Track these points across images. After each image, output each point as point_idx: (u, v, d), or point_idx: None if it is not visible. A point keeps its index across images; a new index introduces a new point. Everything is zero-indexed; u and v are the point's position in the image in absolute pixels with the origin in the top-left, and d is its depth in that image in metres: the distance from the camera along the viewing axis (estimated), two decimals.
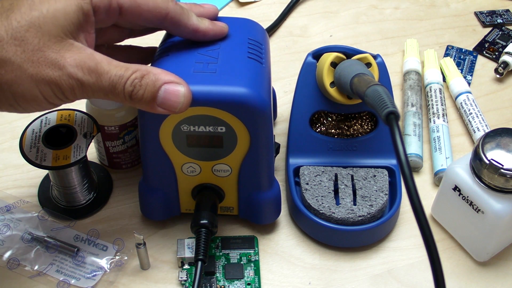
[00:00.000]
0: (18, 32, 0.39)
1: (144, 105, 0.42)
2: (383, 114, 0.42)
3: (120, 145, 0.57)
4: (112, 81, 0.41)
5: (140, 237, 0.49)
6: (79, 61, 0.40)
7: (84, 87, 0.40)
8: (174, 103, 0.42)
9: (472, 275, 0.52)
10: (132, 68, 0.41)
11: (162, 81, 0.42)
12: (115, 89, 0.41)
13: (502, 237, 0.52)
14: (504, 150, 0.47)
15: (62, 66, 0.40)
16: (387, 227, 0.54)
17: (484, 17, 0.78)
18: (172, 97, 0.42)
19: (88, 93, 0.41)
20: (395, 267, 0.53)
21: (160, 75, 0.42)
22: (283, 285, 0.51)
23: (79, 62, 0.40)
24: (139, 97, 0.41)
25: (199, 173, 0.50)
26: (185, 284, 0.51)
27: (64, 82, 0.40)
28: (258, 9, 0.79)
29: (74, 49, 0.40)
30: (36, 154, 0.51)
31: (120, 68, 0.41)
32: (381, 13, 0.79)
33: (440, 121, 0.62)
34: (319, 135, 0.57)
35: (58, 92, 0.40)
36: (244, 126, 0.46)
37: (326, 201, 0.53)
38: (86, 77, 0.40)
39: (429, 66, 0.68)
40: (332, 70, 0.53)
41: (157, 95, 0.42)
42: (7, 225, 0.53)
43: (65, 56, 0.40)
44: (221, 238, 0.54)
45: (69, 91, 0.40)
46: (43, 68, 0.39)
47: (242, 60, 0.48)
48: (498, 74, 0.69)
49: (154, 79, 0.42)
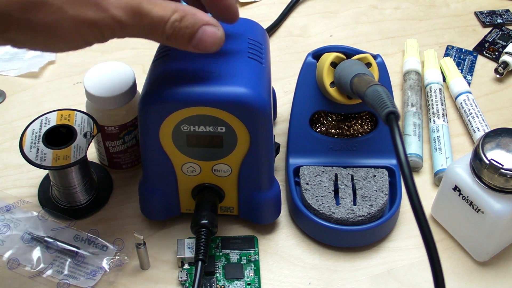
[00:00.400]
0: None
1: (179, 45, 0.42)
2: (383, 114, 0.42)
3: (120, 145, 0.57)
4: (153, 22, 0.40)
5: (140, 237, 0.49)
6: (122, 2, 0.39)
7: (125, 29, 0.40)
8: (210, 44, 0.42)
9: (472, 275, 0.52)
10: (171, 8, 0.40)
11: (201, 23, 0.41)
12: (154, 31, 0.40)
13: (502, 237, 0.52)
14: (504, 150, 0.47)
15: (105, 8, 0.38)
16: (387, 227, 0.54)
17: (484, 17, 0.78)
18: (208, 38, 0.42)
19: (128, 34, 0.40)
20: (395, 267, 0.53)
21: (198, 15, 0.41)
22: (283, 285, 0.51)
23: (121, 3, 0.39)
24: (177, 38, 0.41)
25: (199, 173, 0.50)
26: (185, 284, 0.51)
27: (106, 23, 0.39)
28: (258, 9, 0.79)
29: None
30: (36, 154, 0.51)
31: (160, 8, 0.40)
32: (381, 13, 0.79)
33: (440, 121, 0.62)
34: (319, 135, 0.57)
35: (98, 33, 0.39)
36: (244, 126, 0.46)
37: (326, 201, 0.53)
38: (128, 19, 0.39)
39: (429, 66, 0.68)
40: (332, 70, 0.53)
41: (195, 36, 0.41)
42: (7, 225, 0.53)
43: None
44: (221, 238, 0.54)
45: (109, 32, 0.39)
46: (84, 9, 0.38)
47: (242, 60, 0.48)
48: (498, 74, 0.69)
49: (193, 21, 0.41)
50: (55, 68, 0.71)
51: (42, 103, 0.67)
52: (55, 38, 0.38)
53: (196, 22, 0.41)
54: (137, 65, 0.71)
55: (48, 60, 0.71)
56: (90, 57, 0.73)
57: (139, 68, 0.70)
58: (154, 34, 0.41)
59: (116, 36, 0.40)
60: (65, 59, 0.72)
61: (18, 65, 0.71)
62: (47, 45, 0.39)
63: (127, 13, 0.39)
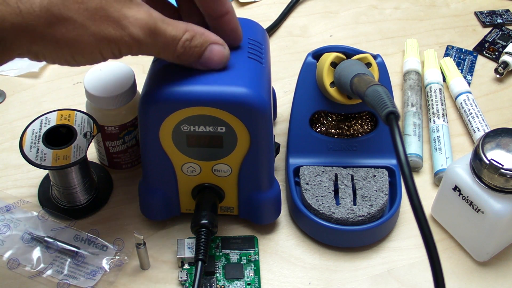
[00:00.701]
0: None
1: (188, 62, 0.44)
2: (383, 114, 0.42)
3: (120, 145, 0.57)
4: (167, 41, 0.42)
5: (140, 237, 0.49)
6: (141, 21, 0.40)
7: (141, 47, 0.41)
8: (216, 62, 0.45)
9: (472, 275, 0.52)
10: (183, 28, 0.42)
11: (209, 42, 0.44)
12: (167, 49, 0.42)
13: (502, 237, 0.52)
14: (504, 150, 0.47)
15: (125, 26, 0.40)
16: (387, 227, 0.54)
17: (484, 17, 0.78)
18: (215, 57, 0.45)
19: (142, 52, 0.42)
20: (395, 267, 0.53)
21: (207, 35, 0.44)
22: (283, 285, 0.51)
23: (140, 23, 0.40)
24: (187, 57, 0.44)
25: (199, 173, 0.50)
26: (185, 284, 0.51)
27: (124, 41, 0.40)
28: (258, 9, 0.79)
29: (134, 7, 0.40)
30: (36, 154, 0.51)
31: (173, 28, 0.42)
32: (381, 13, 0.79)
33: (440, 121, 0.62)
34: (319, 135, 0.57)
35: (116, 49, 0.41)
36: (244, 126, 0.46)
37: (326, 201, 0.53)
38: (146, 38, 0.41)
39: (429, 66, 0.68)
40: (332, 70, 0.53)
41: (203, 54, 0.44)
42: (7, 225, 0.53)
43: (127, 15, 0.40)
44: (221, 238, 0.54)
45: (126, 49, 0.41)
46: (105, 26, 0.39)
47: (242, 60, 0.48)
48: (498, 74, 0.69)
49: (202, 40, 0.44)
50: (55, 68, 0.71)
51: (42, 103, 0.67)
52: (76, 52, 0.40)
53: (205, 41, 0.44)
54: (137, 65, 0.71)
55: None
56: None
57: (139, 68, 0.70)
58: (166, 52, 0.43)
59: (131, 53, 0.42)
60: None
61: (18, 65, 0.71)
62: (67, 59, 0.41)
63: (145, 32, 0.40)
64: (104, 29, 0.39)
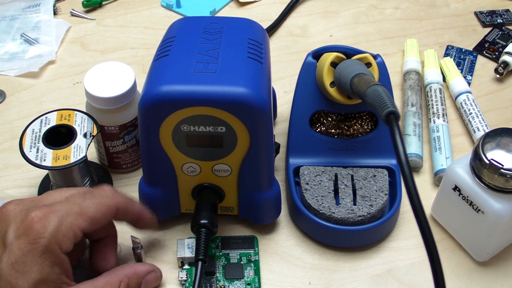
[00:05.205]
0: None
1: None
2: (383, 114, 0.42)
3: (120, 145, 0.57)
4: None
5: (137, 240, 0.49)
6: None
7: None
8: (154, 284, 0.49)
9: (472, 275, 0.52)
10: (116, 282, 0.45)
11: (142, 277, 0.47)
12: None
13: (502, 237, 0.52)
14: (504, 150, 0.47)
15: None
16: (387, 227, 0.54)
17: (484, 17, 0.78)
18: (152, 284, 0.49)
19: None
20: (395, 267, 0.53)
21: (138, 271, 0.47)
22: (283, 285, 0.51)
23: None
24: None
25: (199, 173, 0.50)
26: (185, 284, 0.51)
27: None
28: (258, 9, 0.79)
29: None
30: (36, 154, 0.51)
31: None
32: (381, 13, 0.79)
33: (440, 121, 0.62)
34: (319, 135, 0.57)
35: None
36: (244, 126, 0.46)
37: (326, 201, 0.53)
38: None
39: (429, 66, 0.68)
40: (332, 70, 0.53)
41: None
42: None
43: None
44: (221, 238, 0.54)
45: None
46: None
47: (242, 60, 0.48)
48: (498, 74, 0.69)
49: (136, 282, 0.46)
50: (55, 68, 0.71)
51: (42, 103, 0.67)
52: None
53: (138, 280, 0.47)
54: (137, 65, 0.71)
55: (48, 60, 0.71)
56: (90, 57, 0.73)
57: (139, 68, 0.70)
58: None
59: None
60: (65, 59, 0.72)
61: (18, 65, 0.71)
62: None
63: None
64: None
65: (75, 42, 0.75)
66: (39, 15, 0.77)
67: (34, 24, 0.76)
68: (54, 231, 0.41)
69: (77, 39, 0.75)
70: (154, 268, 0.49)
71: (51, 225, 0.41)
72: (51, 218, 0.41)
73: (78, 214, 0.43)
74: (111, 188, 0.46)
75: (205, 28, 0.51)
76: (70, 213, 0.42)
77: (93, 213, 0.43)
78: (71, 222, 0.42)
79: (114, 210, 0.45)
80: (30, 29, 0.75)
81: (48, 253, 0.41)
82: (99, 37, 0.75)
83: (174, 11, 0.79)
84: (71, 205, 0.43)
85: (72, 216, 0.42)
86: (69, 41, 0.75)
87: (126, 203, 0.47)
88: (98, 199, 0.44)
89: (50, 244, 0.41)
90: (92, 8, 0.79)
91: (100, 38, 0.75)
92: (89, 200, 0.44)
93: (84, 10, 0.79)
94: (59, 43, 0.74)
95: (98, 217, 0.44)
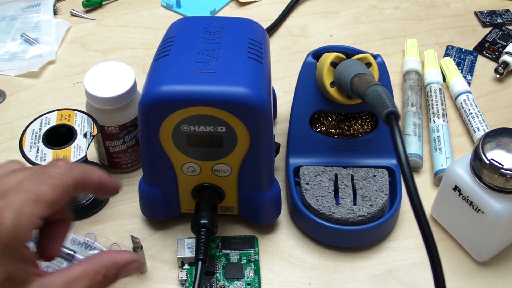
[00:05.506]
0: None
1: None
2: (383, 114, 0.42)
3: (120, 145, 0.57)
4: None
5: (137, 240, 0.49)
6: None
7: None
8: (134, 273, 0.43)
9: (472, 275, 0.52)
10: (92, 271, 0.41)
11: (121, 266, 0.42)
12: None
13: (502, 237, 0.52)
14: (504, 150, 0.47)
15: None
16: (387, 227, 0.54)
17: (484, 17, 0.78)
18: (132, 272, 0.43)
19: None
20: (395, 267, 0.53)
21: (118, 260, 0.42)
22: (283, 285, 0.51)
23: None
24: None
25: (199, 173, 0.50)
26: (185, 284, 0.51)
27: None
28: (258, 9, 0.79)
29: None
30: (36, 154, 0.51)
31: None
32: (381, 13, 0.79)
33: (440, 121, 0.62)
34: (319, 135, 0.57)
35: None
36: (244, 126, 0.46)
37: (326, 201, 0.53)
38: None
39: (429, 66, 0.68)
40: (332, 70, 0.53)
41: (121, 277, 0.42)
42: None
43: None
44: (221, 238, 0.54)
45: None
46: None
47: (242, 60, 0.48)
48: (498, 74, 0.69)
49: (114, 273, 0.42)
50: (55, 68, 0.71)
51: (42, 103, 0.67)
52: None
53: (118, 271, 0.42)
54: (137, 65, 0.71)
55: (48, 60, 0.71)
56: (90, 57, 0.73)
57: (139, 68, 0.70)
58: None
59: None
60: (65, 59, 0.72)
61: (18, 65, 0.71)
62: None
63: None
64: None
65: (75, 42, 0.75)
66: (39, 15, 0.77)
67: (34, 24, 0.76)
68: (12, 227, 0.38)
69: (77, 39, 0.75)
70: (135, 258, 0.44)
71: (7, 221, 0.38)
72: (6, 214, 0.38)
73: (35, 201, 0.39)
74: (65, 162, 0.42)
75: (205, 28, 0.51)
76: (26, 202, 0.39)
77: (51, 197, 0.40)
78: (28, 213, 0.38)
79: (72, 187, 0.41)
80: (30, 29, 0.75)
81: (9, 252, 0.38)
82: (99, 37, 0.75)
83: (174, 11, 0.79)
84: (25, 193, 0.39)
85: (28, 206, 0.39)
86: (69, 41, 0.75)
87: (84, 175, 0.42)
88: (54, 180, 0.40)
89: (10, 242, 0.38)
90: (92, 8, 0.79)
91: (100, 38, 0.75)
92: (44, 183, 0.40)
93: (84, 10, 0.79)
94: (59, 43, 0.74)
95: (58, 199, 0.40)
